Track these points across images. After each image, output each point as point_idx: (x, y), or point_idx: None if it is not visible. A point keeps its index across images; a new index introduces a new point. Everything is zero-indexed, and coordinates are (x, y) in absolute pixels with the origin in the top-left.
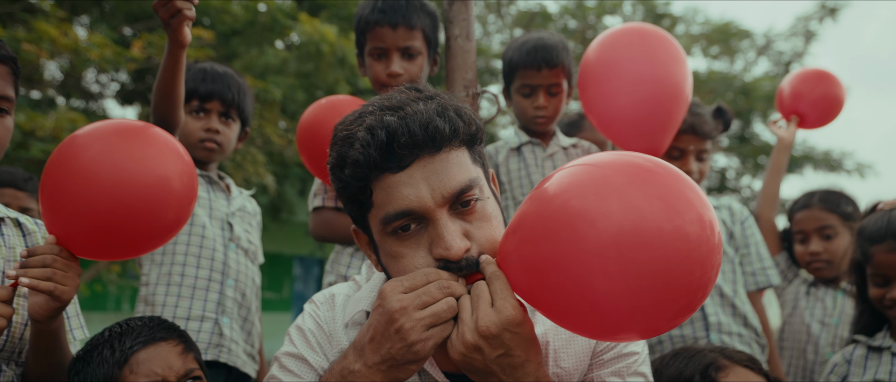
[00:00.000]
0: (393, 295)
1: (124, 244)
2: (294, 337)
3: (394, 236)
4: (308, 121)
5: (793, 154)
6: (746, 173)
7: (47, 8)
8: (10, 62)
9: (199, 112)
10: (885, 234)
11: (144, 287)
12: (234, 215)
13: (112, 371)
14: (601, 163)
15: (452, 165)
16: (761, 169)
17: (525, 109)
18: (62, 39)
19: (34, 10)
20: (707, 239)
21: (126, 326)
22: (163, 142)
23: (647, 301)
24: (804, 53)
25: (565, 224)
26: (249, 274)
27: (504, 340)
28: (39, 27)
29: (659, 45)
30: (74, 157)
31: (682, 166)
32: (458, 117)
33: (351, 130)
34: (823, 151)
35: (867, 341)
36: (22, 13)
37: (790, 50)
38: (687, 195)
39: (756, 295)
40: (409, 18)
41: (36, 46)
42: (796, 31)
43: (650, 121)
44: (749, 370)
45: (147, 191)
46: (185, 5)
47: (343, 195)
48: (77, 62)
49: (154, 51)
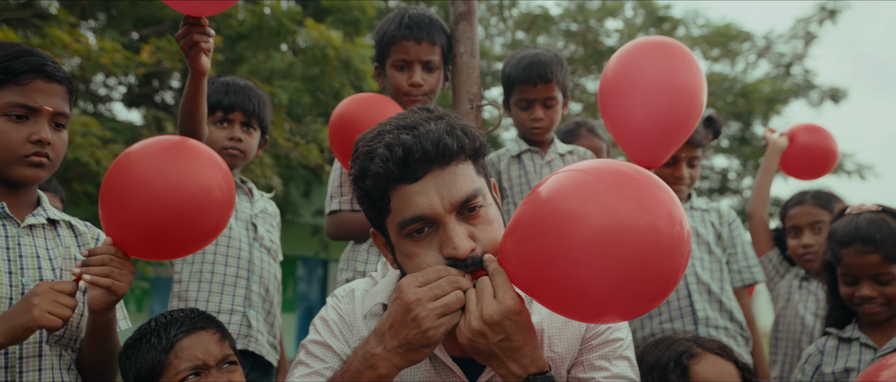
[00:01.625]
0: (409, 289)
1: (172, 246)
2: (319, 327)
3: (409, 238)
4: (342, 113)
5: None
6: (747, 175)
7: (57, 13)
8: (67, 82)
9: (223, 122)
10: (853, 238)
11: (177, 284)
12: (257, 217)
13: (159, 356)
14: (586, 169)
15: (459, 176)
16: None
17: (523, 121)
18: (74, 45)
19: (46, 16)
20: (676, 234)
21: (170, 317)
22: (205, 156)
23: (626, 288)
24: (804, 55)
25: (555, 224)
26: (272, 271)
27: (505, 326)
28: (53, 33)
29: (682, 61)
30: (129, 171)
31: (674, 172)
32: (464, 135)
33: (371, 147)
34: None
35: (838, 333)
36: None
37: (790, 52)
38: (658, 196)
39: (742, 291)
40: (431, 35)
41: (50, 52)
42: (796, 34)
43: (666, 134)
44: (719, 357)
45: (192, 200)
46: (202, 38)
47: (364, 203)
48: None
49: (163, 55)
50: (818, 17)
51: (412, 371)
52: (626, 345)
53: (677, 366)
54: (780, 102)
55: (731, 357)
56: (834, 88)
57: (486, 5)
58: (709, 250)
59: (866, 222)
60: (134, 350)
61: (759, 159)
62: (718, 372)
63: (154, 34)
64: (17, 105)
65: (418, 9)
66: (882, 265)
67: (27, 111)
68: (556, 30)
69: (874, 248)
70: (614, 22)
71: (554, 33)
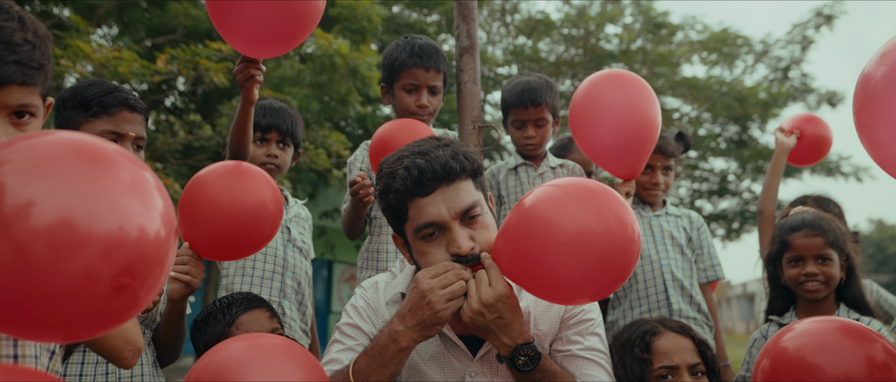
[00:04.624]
0: (424, 279)
1: (236, 249)
2: (350, 312)
3: (423, 240)
4: (382, 137)
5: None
6: (746, 177)
7: (72, 23)
8: (145, 112)
9: (261, 141)
10: (801, 225)
11: (224, 278)
12: (291, 221)
13: (223, 329)
14: (561, 185)
15: (462, 191)
16: (760, 172)
17: (518, 139)
18: (94, 54)
19: (65, 26)
20: (627, 235)
21: (231, 298)
22: (259, 176)
23: (590, 277)
24: (802, 60)
25: (536, 228)
26: (303, 268)
27: (498, 307)
28: (74, 44)
29: (635, 88)
30: (202, 191)
31: (651, 179)
32: (465, 159)
33: (393, 169)
34: None
35: (779, 319)
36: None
37: (788, 56)
38: (613, 207)
39: (706, 287)
40: (437, 63)
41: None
42: (793, 39)
43: (627, 152)
44: (678, 334)
45: (252, 213)
46: (257, 73)
47: (387, 212)
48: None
49: (177, 64)
50: (815, 22)
51: (426, 345)
52: (597, 324)
53: (641, 341)
54: (777, 107)
55: (689, 335)
56: (831, 92)
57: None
58: (681, 251)
59: (811, 215)
60: (203, 324)
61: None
62: (675, 346)
63: (167, 43)
64: (109, 132)
65: (425, 39)
66: (824, 248)
67: (116, 137)
68: (557, 35)
69: (818, 232)
70: (614, 27)
71: (555, 38)
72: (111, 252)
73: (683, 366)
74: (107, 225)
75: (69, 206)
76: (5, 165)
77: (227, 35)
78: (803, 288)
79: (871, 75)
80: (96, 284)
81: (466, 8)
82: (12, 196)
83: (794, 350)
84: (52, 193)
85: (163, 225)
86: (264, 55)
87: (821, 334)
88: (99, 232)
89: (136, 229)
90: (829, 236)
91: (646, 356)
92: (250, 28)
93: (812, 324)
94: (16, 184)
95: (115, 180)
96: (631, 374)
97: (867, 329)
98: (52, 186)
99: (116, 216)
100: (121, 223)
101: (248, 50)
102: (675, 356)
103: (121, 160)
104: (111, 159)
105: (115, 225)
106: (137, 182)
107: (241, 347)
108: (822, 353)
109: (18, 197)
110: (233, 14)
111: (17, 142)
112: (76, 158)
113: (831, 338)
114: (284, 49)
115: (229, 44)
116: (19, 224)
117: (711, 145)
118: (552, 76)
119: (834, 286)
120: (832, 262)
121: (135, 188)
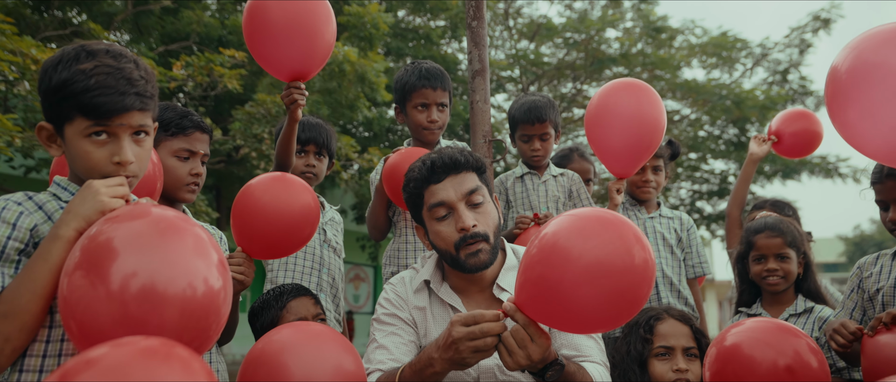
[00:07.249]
0: (456, 327)
1: (281, 249)
2: (384, 304)
3: (436, 220)
4: (392, 164)
5: (790, 161)
6: None
7: (91, 30)
8: (209, 131)
9: (300, 153)
10: (764, 227)
11: (270, 272)
12: (327, 224)
13: (276, 313)
14: (582, 215)
15: (466, 179)
16: (760, 173)
17: (524, 151)
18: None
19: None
20: (646, 269)
21: (282, 289)
22: (301, 186)
23: (611, 309)
24: (800, 63)
25: (555, 261)
26: (336, 265)
27: (543, 354)
28: None
29: (644, 95)
30: (252, 200)
31: (642, 177)
32: (469, 156)
33: (413, 164)
34: (819, 156)
35: (747, 311)
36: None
37: (786, 59)
38: (632, 240)
39: (693, 282)
40: (444, 83)
41: None
42: (791, 42)
43: (635, 153)
44: (679, 321)
45: (295, 218)
46: (301, 96)
47: (409, 202)
48: None
49: (192, 71)
50: (812, 26)
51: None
52: None
53: (646, 324)
54: (774, 110)
55: (688, 323)
56: None
57: (491, 15)
58: (671, 251)
59: (773, 219)
60: (260, 310)
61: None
62: (674, 331)
63: (182, 50)
64: (184, 149)
65: (430, 63)
66: (783, 247)
67: (189, 154)
68: (559, 38)
69: (778, 233)
70: (614, 31)
71: (557, 42)
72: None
73: (679, 348)
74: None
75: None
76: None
77: (271, 70)
78: (766, 282)
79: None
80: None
81: (478, 35)
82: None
83: (733, 345)
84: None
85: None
86: (302, 79)
87: (758, 330)
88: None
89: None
90: (788, 237)
91: (648, 336)
92: (288, 62)
93: (753, 322)
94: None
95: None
96: (633, 350)
97: (795, 328)
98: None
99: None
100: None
101: (289, 75)
102: (671, 338)
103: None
104: (180, 229)
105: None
106: (199, 244)
107: (291, 332)
108: (757, 346)
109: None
110: (273, 55)
111: (111, 223)
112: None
113: (765, 334)
114: (314, 71)
115: (274, 75)
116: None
117: (711, 147)
118: (554, 79)
119: (792, 280)
120: (790, 259)
121: (198, 249)
